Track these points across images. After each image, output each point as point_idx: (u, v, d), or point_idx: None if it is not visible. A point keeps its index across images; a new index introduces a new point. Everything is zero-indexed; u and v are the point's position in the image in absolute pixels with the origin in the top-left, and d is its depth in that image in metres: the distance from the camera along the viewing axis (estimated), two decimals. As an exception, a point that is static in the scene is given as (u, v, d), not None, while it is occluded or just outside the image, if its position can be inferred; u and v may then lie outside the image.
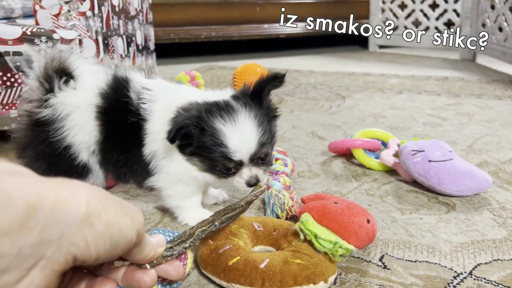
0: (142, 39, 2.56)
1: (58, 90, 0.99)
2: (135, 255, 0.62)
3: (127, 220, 0.55)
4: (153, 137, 1.01)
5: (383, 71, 3.13)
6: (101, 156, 1.03)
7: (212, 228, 0.82)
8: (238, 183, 1.01)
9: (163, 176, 1.03)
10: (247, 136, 0.96)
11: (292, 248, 0.87)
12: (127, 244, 0.56)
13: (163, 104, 1.02)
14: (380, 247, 0.99)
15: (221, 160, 0.96)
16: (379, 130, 1.53)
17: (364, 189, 1.29)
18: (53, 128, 0.99)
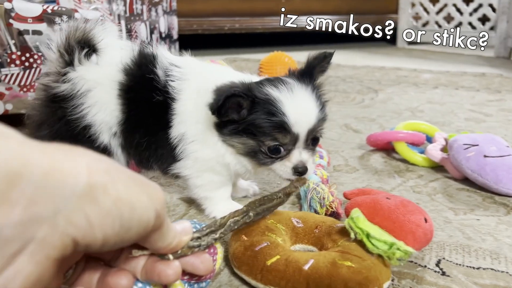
0: (165, 27, 2.47)
1: (78, 64, 0.90)
2: (155, 242, 0.53)
3: (142, 197, 0.46)
4: (181, 118, 0.90)
5: (414, 66, 2.98)
6: (123, 139, 0.93)
7: (246, 219, 0.72)
8: (282, 170, 0.89)
9: (190, 162, 0.93)
10: (307, 107, 0.86)
11: (339, 249, 0.75)
12: (142, 227, 0.47)
13: (196, 83, 0.92)
14: (435, 250, 0.87)
15: (274, 134, 0.84)
16: (423, 123, 1.40)
17: (409, 186, 1.16)
18: (72, 105, 0.89)
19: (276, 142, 0.85)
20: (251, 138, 0.86)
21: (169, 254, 0.57)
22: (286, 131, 0.84)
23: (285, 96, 0.84)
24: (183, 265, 0.59)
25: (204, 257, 0.63)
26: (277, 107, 0.83)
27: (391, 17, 4.12)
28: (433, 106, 1.99)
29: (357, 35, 4.34)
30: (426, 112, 1.89)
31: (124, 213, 0.44)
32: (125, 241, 0.48)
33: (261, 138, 0.85)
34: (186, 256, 0.60)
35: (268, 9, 3.73)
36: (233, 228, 0.70)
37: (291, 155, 0.89)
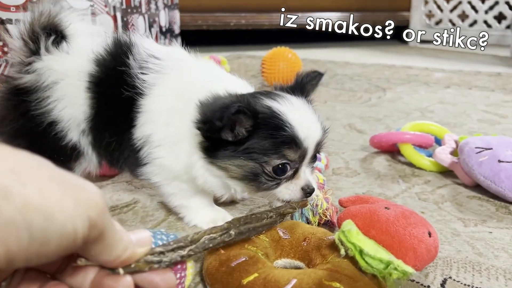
0: (166, 21, 2.38)
1: (45, 52, 0.80)
2: (98, 255, 0.45)
3: (66, 203, 0.39)
4: (148, 117, 0.80)
5: (426, 65, 2.86)
6: (92, 137, 0.84)
7: (225, 237, 0.63)
8: (287, 192, 0.77)
9: (156, 169, 0.82)
10: (312, 119, 0.76)
11: (328, 266, 0.65)
12: (66, 239, 0.39)
13: (175, 79, 0.82)
14: (441, 267, 0.76)
15: (282, 150, 0.72)
16: (433, 123, 1.29)
17: (414, 192, 1.06)
18: (36, 98, 0.80)
19: (283, 160, 0.74)
20: (250, 159, 0.73)
21: (120, 268, 0.49)
22: (297, 146, 0.73)
23: (288, 109, 0.74)
24: (139, 282, 0.51)
25: (166, 275, 0.54)
26: (283, 121, 0.72)
27: (403, 15, 3.99)
28: (445, 106, 1.88)
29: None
30: (437, 112, 1.78)
31: (35, 222, 0.36)
32: (45, 256, 0.39)
33: (265, 158, 0.73)
34: (143, 271, 0.51)
35: (275, 5, 3.62)
36: (207, 246, 0.61)
37: (299, 175, 0.77)
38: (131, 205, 0.97)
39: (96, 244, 0.44)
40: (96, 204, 0.42)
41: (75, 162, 0.86)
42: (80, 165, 0.88)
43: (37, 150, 0.84)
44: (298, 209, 0.78)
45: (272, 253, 0.72)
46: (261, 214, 0.70)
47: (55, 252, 0.39)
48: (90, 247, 0.44)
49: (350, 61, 2.98)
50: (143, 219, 0.91)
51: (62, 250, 0.40)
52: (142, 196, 1.02)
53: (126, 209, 0.96)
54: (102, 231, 0.43)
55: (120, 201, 0.99)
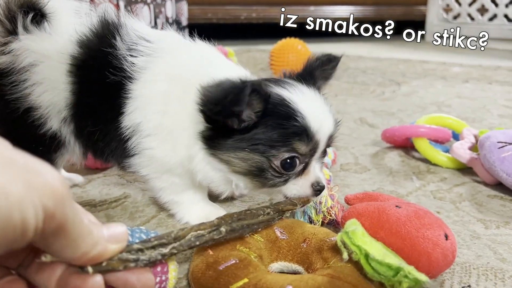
0: (173, 12, 2.32)
1: (23, 32, 0.73)
2: (61, 251, 0.40)
3: (12, 187, 0.33)
4: (138, 104, 0.72)
5: (443, 60, 2.75)
6: (74, 125, 0.77)
7: (215, 235, 0.56)
8: (297, 189, 0.70)
9: (145, 161, 0.75)
10: (324, 109, 0.69)
11: (329, 271, 0.57)
12: (11, 230, 0.33)
13: (169, 63, 0.75)
14: (459, 275, 0.68)
15: (292, 142, 0.66)
16: (450, 117, 1.19)
17: (429, 191, 0.97)
18: (10, 81, 0.73)
19: (293, 153, 0.67)
20: (256, 152, 0.67)
21: (89, 266, 0.43)
22: (308, 138, 0.67)
23: (299, 98, 0.67)
24: (113, 281, 0.46)
25: (144, 275, 0.48)
26: (295, 110, 0.65)
27: (420, 9, 3.88)
28: (463, 101, 1.78)
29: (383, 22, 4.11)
30: (454, 107, 1.68)
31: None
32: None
33: (272, 150, 0.66)
34: (116, 271, 0.46)
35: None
36: (193, 244, 0.54)
37: (309, 170, 0.71)
38: (121, 200, 0.90)
39: (56, 238, 0.38)
40: (54, 191, 0.36)
41: (56, 152, 0.79)
42: (62, 156, 0.81)
43: (13, 139, 0.78)
44: (299, 206, 0.70)
45: (267, 255, 0.64)
46: (257, 210, 0.63)
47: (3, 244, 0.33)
48: (50, 242, 0.38)
49: (364, 55, 2.89)
50: (131, 215, 0.84)
51: (7, 243, 0.34)
52: (134, 190, 0.95)
53: (114, 204, 0.89)
54: (63, 224, 0.37)
55: (110, 195, 0.92)
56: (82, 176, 0.99)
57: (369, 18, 3.78)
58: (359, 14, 3.75)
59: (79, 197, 0.91)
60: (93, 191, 0.94)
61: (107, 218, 0.83)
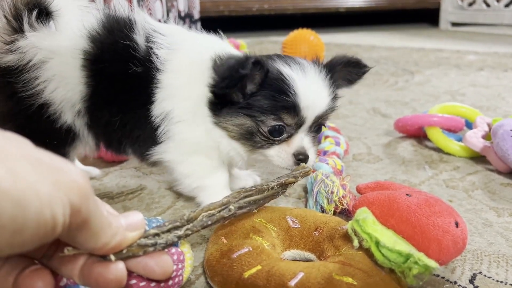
0: (185, 6, 2.33)
1: (28, 29, 0.75)
2: (84, 243, 0.42)
3: (43, 187, 0.34)
4: (168, 92, 0.76)
5: (457, 48, 2.71)
6: (89, 117, 0.79)
7: (225, 213, 0.58)
8: (279, 156, 0.77)
9: (173, 145, 0.78)
10: (320, 91, 0.75)
11: (340, 259, 0.58)
12: (44, 227, 0.35)
13: (187, 54, 0.79)
14: (470, 261, 0.68)
15: (280, 113, 0.73)
16: (463, 105, 1.19)
17: (442, 180, 0.97)
18: (22, 79, 0.75)
19: (280, 122, 0.74)
20: (248, 118, 0.74)
21: (111, 254, 0.45)
22: (295, 112, 0.74)
23: (298, 76, 0.73)
24: (133, 267, 0.48)
25: (161, 258, 0.50)
26: (289, 85, 0.72)
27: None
28: (477, 89, 1.76)
29: (398, 16, 4.06)
30: (468, 95, 1.66)
31: (5, 209, 0.32)
32: (19, 246, 0.36)
33: (262, 117, 0.74)
34: (137, 256, 0.48)
35: (299, -11, 3.52)
36: (206, 224, 0.56)
37: (292, 140, 0.77)
38: (137, 192, 0.93)
39: (81, 232, 0.40)
40: (79, 187, 0.38)
41: (70, 145, 0.82)
42: (75, 148, 0.83)
43: (28, 134, 0.80)
44: (301, 178, 0.71)
45: (279, 243, 0.66)
46: (261, 186, 0.65)
47: (31, 241, 0.35)
48: (75, 235, 0.40)
49: (377, 45, 2.87)
50: (148, 206, 0.87)
51: (39, 239, 0.36)
52: (150, 182, 0.97)
53: (131, 195, 0.91)
54: (87, 217, 0.39)
55: (126, 187, 0.95)
56: (99, 169, 1.02)
57: (382, 7, 3.74)
58: (372, 3, 3.72)
59: (96, 190, 0.93)
60: (110, 184, 0.97)
61: (124, 209, 0.86)
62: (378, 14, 4.00)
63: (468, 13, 3.58)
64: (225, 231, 0.66)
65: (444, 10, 3.74)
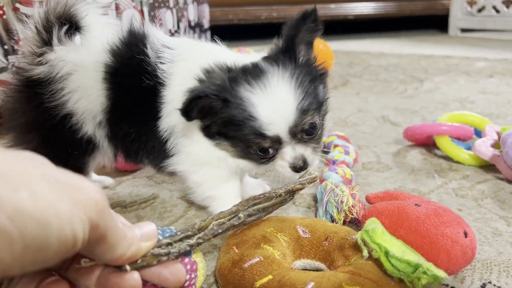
0: (195, 15, 2.36)
1: (57, 43, 0.78)
2: (102, 255, 0.43)
3: (62, 205, 0.36)
4: (171, 107, 0.77)
5: (467, 54, 2.71)
6: (109, 128, 0.81)
7: (235, 221, 0.60)
8: (281, 167, 0.77)
9: (184, 157, 0.80)
10: (281, 102, 0.71)
11: (350, 268, 0.59)
12: (64, 244, 0.36)
13: (187, 66, 0.79)
14: (480, 271, 0.69)
15: (253, 139, 0.72)
16: (472, 114, 1.19)
17: (451, 188, 0.98)
18: (49, 90, 0.78)
19: (259, 145, 0.74)
20: (240, 140, 0.75)
21: (127, 264, 0.47)
22: (262, 135, 0.72)
23: (256, 95, 0.70)
24: (148, 276, 0.50)
25: (175, 267, 0.52)
26: (248, 110, 0.70)
27: (443, 3, 3.82)
28: (487, 96, 1.76)
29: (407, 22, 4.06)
30: (478, 103, 1.66)
31: (29, 230, 0.34)
32: (42, 263, 0.37)
33: (246, 142, 0.74)
34: (151, 266, 0.50)
35: (308, -3, 3.54)
36: (216, 232, 0.58)
37: (284, 153, 0.76)
38: (150, 201, 0.94)
39: (99, 245, 0.42)
40: (96, 204, 0.39)
41: (90, 156, 0.84)
42: (94, 159, 0.85)
43: (51, 144, 0.83)
44: (308, 185, 0.72)
45: (290, 253, 0.67)
46: (270, 193, 0.66)
47: (53, 258, 0.37)
48: (93, 248, 0.42)
49: (386, 52, 2.87)
50: (160, 215, 0.88)
51: (61, 255, 0.37)
52: (162, 191, 0.99)
53: (144, 204, 0.93)
54: (105, 232, 0.41)
55: (139, 196, 0.97)
56: (112, 178, 1.04)
57: (390, 13, 3.75)
58: (381, 10, 3.73)
59: (110, 199, 0.95)
60: (123, 193, 0.99)
61: (138, 218, 0.87)
62: (387, 21, 4.01)
63: (478, 19, 3.58)
64: (236, 240, 0.67)
65: (453, 16, 3.74)
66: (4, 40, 1.28)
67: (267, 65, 0.73)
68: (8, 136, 0.86)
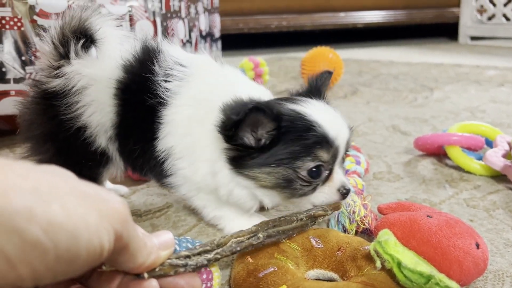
0: (206, 25, 2.39)
1: (74, 57, 0.80)
2: (124, 264, 0.46)
3: (90, 217, 0.38)
4: (170, 129, 0.78)
5: (477, 63, 2.71)
6: (118, 143, 0.83)
7: (254, 241, 0.61)
8: (324, 196, 0.74)
9: (180, 181, 0.81)
10: (337, 118, 0.75)
11: (363, 279, 0.60)
12: (92, 254, 0.38)
13: (196, 87, 0.79)
14: (492, 282, 0.69)
15: (314, 151, 0.69)
16: (483, 124, 1.20)
17: (462, 199, 0.98)
18: (65, 103, 0.80)
19: (317, 161, 0.71)
20: (282, 166, 0.70)
21: (145, 272, 0.49)
22: (328, 145, 0.71)
23: (313, 110, 0.72)
24: (165, 286, 0.51)
25: (191, 278, 0.54)
26: (311, 121, 0.70)
27: (453, 11, 3.82)
28: (497, 105, 1.76)
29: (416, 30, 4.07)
30: (489, 112, 1.66)
31: (61, 241, 0.36)
32: (72, 273, 0.39)
33: (297, 162, 0.70)
34: (168, 276, 0.52)
35: (317, 6, 3.57)
36: (235, 249, 0.59)
37: (333, 175, 0.75)
38: (164, 210, 0.96)
39: (121, 254, 0.44)
40: (120, 214, 0.41)
41: (104, 167, 0.86)
42: (108, 170, 0.87)
43: (65, 155, 0.85)
44: (331, 212, 0.73)
45: (303, 263, 0.68)
46: (290, 217, 0.67)
47: (82, 267, 0.39)
48: (116, 257, 0.44)
49: (395, 60, 2.88)
50: (175, 224, 0.90)
51: (89, 265, 0.39)
52: (176, 200, 1.01)
53: (158, 213, 0.95)
54: (127, 241, 0.43)
55: (153, 205, 0.98)
56: (126, 187, 1.06)
57: (400, 22, 3.76)
58: (390, 19, 3.74)
59: (125, 207, 0.97)
60: (137, 201, 1.01)
61: (152, 227, 0.89)
62: (397, 29, 4.01)
63: (488, 27, 3.57)
64: (250, 251, 0.68)
65: (463, 24, 3.74)
66: (22, 51, 1.31)
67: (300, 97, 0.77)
68: (24, 146, 0.88)
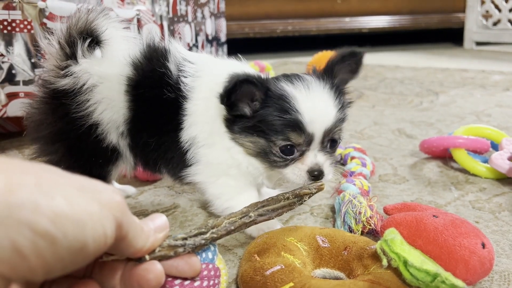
0: (212, 29, 2.41)
1: (81, 56, 0.82)
2: (125, 250, 0.48)
3: (92, 208, 0.39)
4: (193, 119, 0.81)
5: (482, 68, 2.71)
6: (130, 138, 0.85)
7: (246, 219, 0.63)
8: (294, 173, 0.79)
9: (202, 167, 0.83)
10: (324, 105, 0.77)
11: (369, 277, 0.61)
12: (98, 242, 0.40)
13: (208, 81, 0.83)
14: (497, 282, 0.70)
15: (286, 133, 0.75)
16: (488, 127, 1.20)
17: (468, 201, 0.98)
18: (75, 101, 0.81)
19: (288, 142, 0.77)
20: (261, 137, 0.78)
21: (146, 255, 0.51)
22: (300, 130, 0.75)
23: (301, 93, 0.76)
24: (166, 270, 0.53)
25: (191, 258, 0.55)
26: (291, 104, 0.74)
27: (458, 17, 3.83)
28: (503, 109, 1.76)
29: (422, 35, 4.08)
30: (494, 116, 1.67)
31: (69, 230, 0.37)
32: (81, 262, 0.41)
33: (272, 137, 0.77)
34: (169, 258, 0.53)
35: (323, 10, 3.58)
36: (229, 229, 0.61)
37: (305, 157, 0.79)
38: (171, 210, 0.97)
39: (122, 241, 0.45)
40: (118, 204, 0.43)
41: (114, 164, 0.87)
42: (117, 167, 0.89)
43: (76, 153, 0.86)
44: (315, 191, 0.73)
45: (310, 262, 0.69)
46: (277, 196, 0.68)
47: (89, 256, 0.40)
48: (118, 244, 0.45)
49: (401, 65, 2.88)
50: (181, 224, 0.91)
51: (95, 253, 0.41)
52: (182, 200, 1.02)
53: (165, 213, 0.95)
54: (127, 228, 0.45)
55: (161, 205, 0.99)
56: (134, 188, 1.07)
57: (405, 27, 3.77)
58: (395, 24, 3.75)
59: (132, 208, 0.98)
60: (145, 202, 1.02)
61: (160, 227, 0.90)
62: (402, 34, 4.02)
63: (493, 32, 3.58)
64: (257, 249, 0.69)
65: (468, 29, 3.74)
66: (32, 54, 1.33)
67: (308, 75, 0.79)
68: (32, 147, 0.89)
